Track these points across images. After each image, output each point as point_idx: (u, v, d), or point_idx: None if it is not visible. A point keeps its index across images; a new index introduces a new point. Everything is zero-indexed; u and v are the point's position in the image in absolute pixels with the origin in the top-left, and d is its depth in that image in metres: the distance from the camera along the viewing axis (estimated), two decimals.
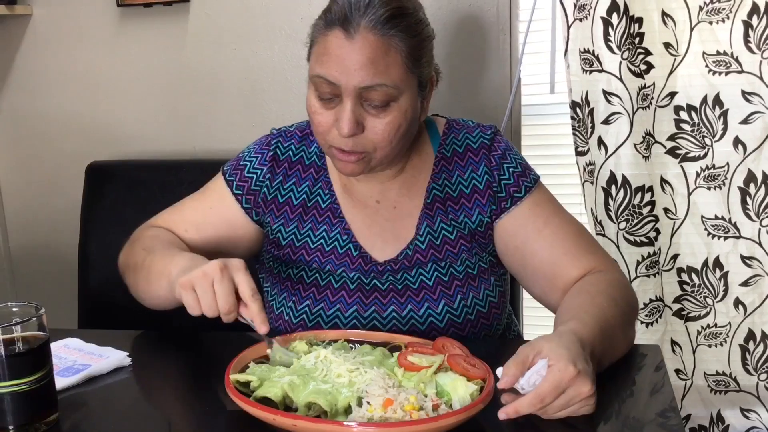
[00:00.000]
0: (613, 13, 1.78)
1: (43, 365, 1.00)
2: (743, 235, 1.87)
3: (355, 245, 1.31)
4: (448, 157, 1.34)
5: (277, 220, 1.36)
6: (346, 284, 1.30)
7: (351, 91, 1.16)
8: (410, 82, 1.20)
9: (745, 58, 1.78)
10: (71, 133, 2.29)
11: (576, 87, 1.86)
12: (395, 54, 1.17)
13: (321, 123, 1.21)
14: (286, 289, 1.33)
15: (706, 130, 1.84)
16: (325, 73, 1.17)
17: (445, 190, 1.32)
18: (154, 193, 1.97)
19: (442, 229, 1.31)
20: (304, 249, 1.33)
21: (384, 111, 1.18)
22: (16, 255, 2.41)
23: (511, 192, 1.30)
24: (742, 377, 1.95)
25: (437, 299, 1.28)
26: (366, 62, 1.14)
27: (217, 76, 2.17)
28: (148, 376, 1.19)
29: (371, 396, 0.95)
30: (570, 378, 0.94)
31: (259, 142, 1.41)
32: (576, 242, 1.28)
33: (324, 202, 1.34)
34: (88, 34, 2.21)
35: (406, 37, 1.17)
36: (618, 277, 1.26)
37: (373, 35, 1.15)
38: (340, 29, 1.15)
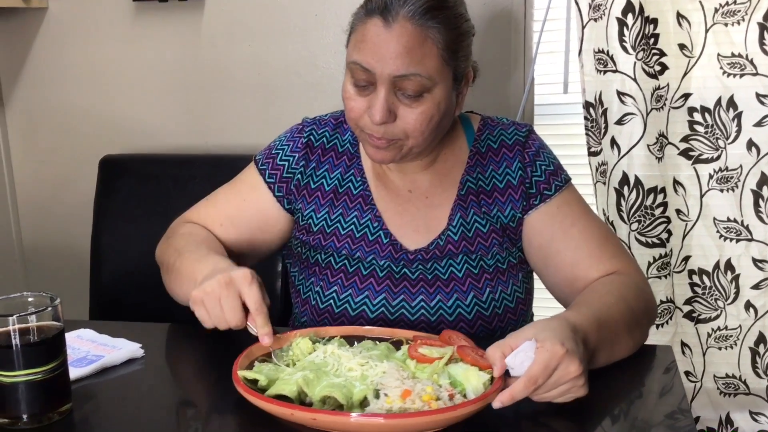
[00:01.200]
0: (629, 13, 1.77)
1: (58, 355, 1.00)
2: (755, 238, 1.87)
3: (386, 233, 1.32)
4: (483, 152, 1.34)
5: (309, 206, 1.36)
6: (375, 272, 1.31)
7: (385, 78, 1.16)
8: (445, 74, 1.20)
9: (759, 61, 1.78)
10: (85, 126, 2.30)
11: (590, 87, 1.86)
12: (432, 45, 1.17)
13: (354, 109, 1.22)
14: (314, 274, 1.34)
15: (719, 132, 1.83)
16: (361, 60, 1.18)
17: (479, 183, 1.33)
18: (167, 187, 1.97)
19: (475, 221, 1.31)
20: (334, 235, 1.34)
21: (417, 101, 1.18)
22: (30, 247, 2.43)
23: (541, 189, 1.31)
24: (752, 380, 1.95)
25: (466, 291, 1.29)
26: (402, 51, 1.15)
27: (230, 72, 2.17)
28: (161, 367, 1.20)
29: (388, 387, 0.95)
30: (559, 357, 0.95)
31: (291, 130, 1.41)
32: (601, 245, 1.28)
33: (356, 189, 1.35)
34: (103, 28, 2.22)
35: (443, 29, 1.17)
36: (637, 281, 1.25)
37: (411, 25, 1.15)
38: (380, 17, 1.17)
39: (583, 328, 1.04)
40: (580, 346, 1.00)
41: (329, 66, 2.11)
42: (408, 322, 1.28)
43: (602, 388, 1.04)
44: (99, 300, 1.98)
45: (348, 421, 0.91)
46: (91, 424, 1.03)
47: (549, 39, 1.97)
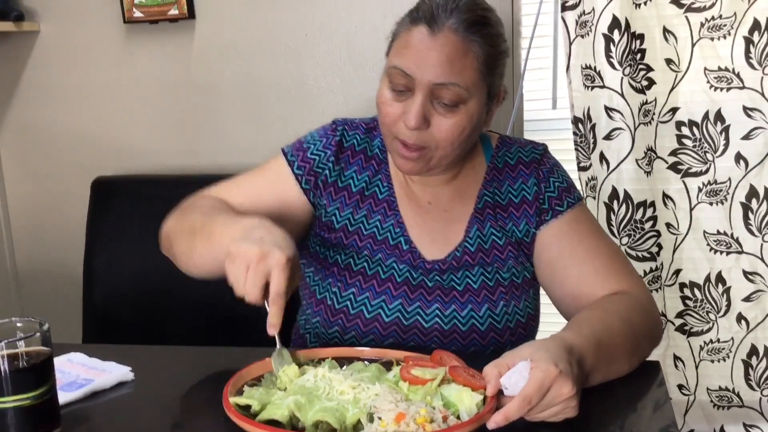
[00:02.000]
0: (615, 29, 1.79)
1: (46, 380, 1.00)
2: (745, 250, 1.88)
3: (407, 239, 1.34)
4: (500, 168, 1.37)
5: (333, 203, 1.37)
6: (394, 276, 1.32)
7: (424, 85, 1.19)
8: (481, 88, 1.23)
9: (746, 74, 1.79)
10: (77, 147, 2.31)
11: (578, 103, 1.87)
12: (472, 58, 1.20)
13: (389, 114, 1.24)
14: (332, 274, 1.34)
15: (707, 146, 1.85)
16: (403, 65, 1.20)
17: (495, 197, 1.35)
18: (159, 207, 1.95)
19: (491, 234, 1.33)
20: (356, 234, 1.35)
21: (451, 111, 1.21)
22: (23, 268, 2.43)
23: (553, 205, 1.33)
24: (745, 392, 1.95)
25: (481, 302, 1.30)
26: (444, 60, 1.18)
27: (221, 91, 2.19)
28: (150, 390, 1.19)
29: (382, 411, 0.95)
30: (552, 377, 0.95)
31: (324, 128, 1.42)
32: (608, 264, 1.29)
33: (381, 193, 1.37)
34: (94, 50, 2.23)
35: (485, 44, 1.21)
36: (643, 302, 1.26)
37: (455, 36, 1.19)
38: (425, 26, 1.20)
39: (580, 349, 1.05)
40: (574, 367, 1.00)
41: (319, 84, 2.12)
42: (422, 329, 1.30)
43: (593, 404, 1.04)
44: (92, 321, 1.98)
45: None
46: None
47: (537, 55, 1.99)
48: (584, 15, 1.81)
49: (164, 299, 1.91)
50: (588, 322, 1.14)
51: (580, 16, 1.81)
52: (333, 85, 2.11)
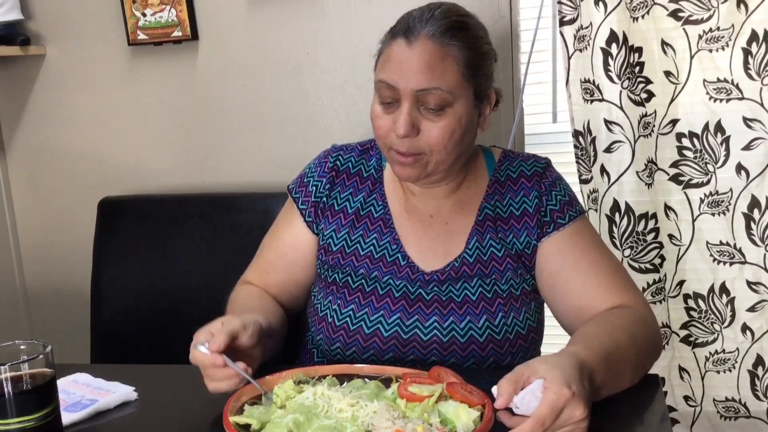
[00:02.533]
0: (613, 43, 1.80)
1: (50, 402, 1.02)
2: (749, 261, 1.88)
3: (403, 255, 1.36)
4: (502, 181, 1.39)
5: (330, 225, 1.41)
6: (392, 291, 1.34)
7: (408, 93, 1.23)
8: (466, 90, 1.26)
9: (745, 85, 1.80)
10: (84, 168, 2.33)
11: (578, 116, 1.88)
12: (451, 61, 1.24)
13: (381, 127, 1.28)
14: (332, 292, 1.37)
15: (708, 157, 1.85)
16: (386, 77, 1.26)
17: (496, 210, 1.37)
18: (165, 227, 2.00)
19: (490, 246, 1.35)
20: (353, 255, 1.38)
21: (439, 116, 1.24)
22: (32, 288, 2.45)
23: (555, 218, 1.34)
24: (752, 403, 1.95)
25: (479, 314, 1.31)
26: (423, 66, 1.23)
27: (225, 111, 2.21)
28: (153, 410, 1.21)
29: (379, 428, 0.97)
30: (566, 399, 0.95)
31: (319, 156, 1.48)
32: (610, 277, 1.30)
33: (377, 213, 1.40)
34: (100, 72, 2.26)
35: (463, 47, 1.25)
36: (645, 317, 1.26)
37: (432, 42, 1.23)
38: (403, 38, 1.25)
39: (591, 365, 1.05)
40: (586, 386, 1.00)
41: (321, 102, 2.14)
42: (421, 342, 1.31)
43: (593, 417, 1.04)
44: (100, 340, 1.99)
45: None
46: None
47: (536, 70, 2.01)
48: (582, 29, 1.82)
49: (171, 318, 1.93)
50: (597, 336, 1.14)
51: (578, 30, 1.83)
52: (335, 103, 2.13)
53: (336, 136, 2.13)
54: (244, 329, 1.15)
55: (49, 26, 2.26)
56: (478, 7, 1.98)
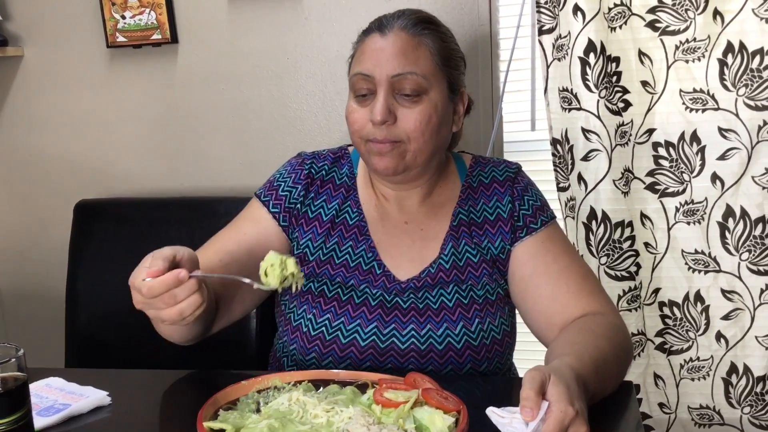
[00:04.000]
0: (590, 53, 1.82)
1: (21, 406, 1.01)
2: (723, 269, 1.90)
3: (379, 263, 1.36)
4: (475, 186, 1.41)
5: (306, 234, 1.40)
6: (368, 300, 1.34)
7: (384, 80, 1.27)
8: (440, 79, 1.30)
9: (721, 96, 1.82)
10: (61, 171, 2.31)
11: (556, 124, 1.89)
12: (425, 49, 1.29)
13: (357, 120, 1.30)
14: (307, 302, 1.36)
15: (684, 166, 1.87)
16: (361, 69, 1.29)
17: (470, 215, 1.38)
18: (143, 230, 1.99)
19: (466, 252, 1.36)
20: (329, 263, 1.37)
21: (415, 102, 1.27)
22: (6, 291, 2.43)
23: (527, 222, 1.36)
24: (726, 410, 1.97)
25: (456, 320, 1.31)
26: (398, 52, 1.27)
27: (205, 115, 2.20)
28: (126, 415, 1.20)
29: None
30: (570, 418, 0.94)
31: (291, 163, 1.46)
32: (580, 283, 1.31)
33: (352, 219, 1.40)
34: (78, 74, 2.24)
35: (436, 37, 1.31)
36: (618, 323, 1.28)
37: (405, 32, 1.30)
38: (376, 31, 1.31)
39: (584, 378, 1.05)
40: (585, 401, 1.00)
41: (301, 107, 2.14)
42: (398, 350, 1.30)
43: None
44: (75, 343, 1.98)
45: None
46: None
47: (516, 78, 2.02)
48: (560, 39, 1.84)
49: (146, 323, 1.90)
50: (585, 348, 1.14)
51: (557, 39, 1.84)
52: (315, 108, 2.13)
53: (316, 141, 2.13)
54: (177, 252, 1.09)
55: (27, 28, 2.25)
56: (458, 15, 1.99)
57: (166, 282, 1.05)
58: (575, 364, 1.06)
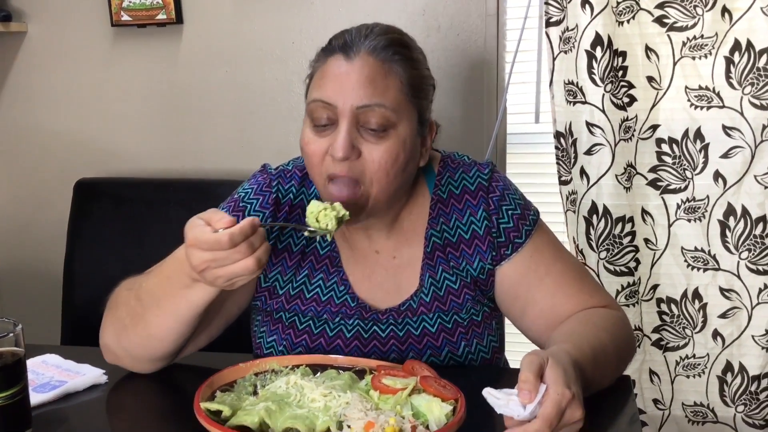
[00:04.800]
0: (597, 46, 1.81)
1: (18, 381, 1.01)
2: (722, 268, 1.90)
3: (353, 296, 1.27)
4: (444, 199, 1.28)
5: (274, 267, 1.29)
6: (342, 332, 1.27)
7: (348, 111, 1.12)
8: (409, 111, 1.17)
9: (726, 94, 1.81)
10: (62, 149, 2.31)
11: (560, 117, 1.89)
12: (395, 78, 1.15)
13: (315, 152, 1.16)
14: (277, 330, 1.29)
15: (687, 163, 1.87)
16: (322, 95, 1.14)
17: (444, 235, 1.27)
18: (142, 211, 1.98)
19: (444, 279, 1.26)
20: (298, 298, 1.28)
21: (381, 137, 1.14)
22: (3, 268, 2.42)
23: (512, 238, 1.25)
24: (720, 408, 1.97)
25: (440, 347, 1.25)
26: (365, 81, 1.13)
27: (207, 97, 2.19)
28: (123, 393, 1.20)
29: (351, 419, 0.96)
30: (567, 401, 0.93)
31: (258, 182, 1.32)
32: (578, 287, 1.26)
33: (323, 249, 1.29)
34: (82, 52, 2.23)
35: (406, 65, 1.16)
36: (621, 316, 1.25)
37: (373, 58, 1.14)
38: (341, 53, 1.15)
39: (582, 365, 1.04)
40: (581, 387, 0.99)
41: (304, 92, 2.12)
42: None
43: None
44: (71, 322, 1.98)
45: None
46: None
47: (521, 70, 2.01)
48: (568, 31, 1.83)
49: None
50: (585, 337, 1.12)
51: (564, 32, 1.83)
52: None
53: None
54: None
55: (32, 3, 2.23)
56: (465, 5, 1.99)
57: (244, 230, 1.01)
58: (573, 351, 1.05)
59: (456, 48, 2.01)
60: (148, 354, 1.20)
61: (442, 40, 2.02)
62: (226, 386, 1.09)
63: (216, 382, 1.09)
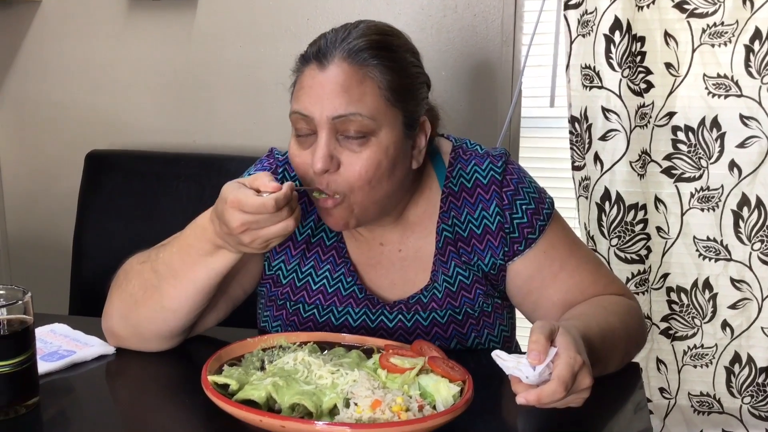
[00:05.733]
0: (616, 30, 1.79)
1: (26, 349, 1.01)
2: (734, 258, 1.88)
3: (360, 288, 1.26)
4: (456, 192, 1.25)
5: (278, 255, 1.28)
6: (348, 322, 1.26)
7: (325, 122, 1.10)
8: (391, 117, 1.13)
9: (744, 82, 1.79)
10: (73, 120, 2.30)
11: (575, 102, 1.87)
12: (371, 83, 1.11)
13: (300, 165, 1.15)
14: (280, 317, 1.29)
15: (702, 152, 1.85)
16: (300, 108, 1.13)
17: (455, 230, 1.25)
18: (152, 184, 1.98)
19: (457, 274, 1.24)
20: (305, 290, 1.27)
21: (361, 146, 1.11)
22: (14, 237, 2.43)
23: (525, 233, 1.23)
24: (726, 399, 1.96)
25: (449, 337, 1.24)
26: (338, 90, 1.10)
27: (221, 72, 2.18)
28: (130, 365, 1.20)
29: (358, 397, 0.96)
30: (579, 365, 0.93)
31: (264, 168, 1.31)
32: (593, 279, 1.24)
33: (329, 240, 1.27)
34: (95, 24, 2.22)
35: (385, 69, 1.12)
36: (635, 306, 1.24)
37: (348, 64, 1.11)
38: (314, 62, 1.13)
39: (590, 340, 1.03)
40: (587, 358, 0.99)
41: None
42: None
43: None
44: (79, 293, 1.98)
45: (315, 429, 0.91)
46: (58, 418, 1.04)
47: (537, 52, 1.99)
48: (586, 14, 1.81)
49: None
50: (594, 318, 1.12)
51: (582, 15, 1.81)
52: None
53: None
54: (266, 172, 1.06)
55: None
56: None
57: (287, 195, 1.03)
58: (581, 326, 1.05)
59: (472, 28, 1.99)
60: (156, 329, 1.19)
61: (458, 20, 2.00)
62: (233, 360, 1.09)
63: (224, 356, 1.09)
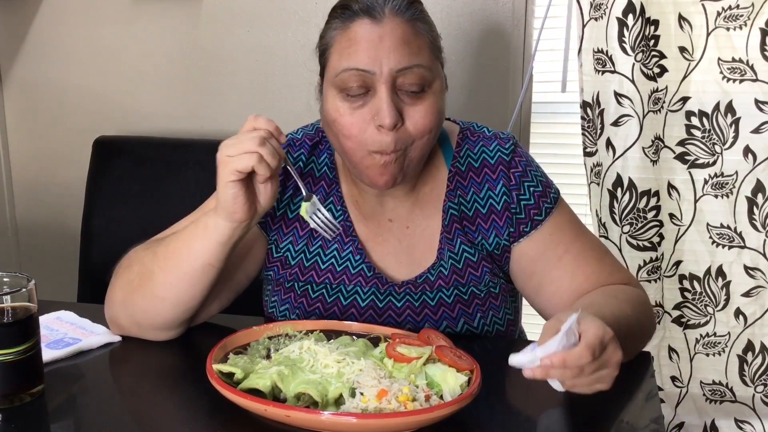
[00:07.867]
0: (629, 14, 1.76)
1: (30, 337, 1.00)
2: (748, 246, 1.86)
3: (369, 266, 1.25)
4: (463, 171, 1.26)
5: (286, 237, 1.28)
6: (357, 301, 1.25)
7: (387, 76, 1.10)
8: (438, 69, 1.17)
9: (760, 67, 1.76)
10: (81, 106, 2.29)
11: (587, 87, 1.84)
12: (423, 37, 1.14)
13: (353, 125, 1.12)
14: (288, 300, 1.28)
15: (716, 138, 1.82)
16: (356, 63, 1.11)
17: (461, 208, 1.25)
18: (160, 170, 1.97)
19: (463, 252, 1.24)
20: (313, 270, 1.26)
21: (420, 98, 1.13)
22: (22, 223, 2.43)
23: (531, 214, 1.23)
24: (739, 388, 1.94)
25: (456, 317, 1.24)
26: (400, 43, 1.11)
27: (228, 57, 2.16)
28: (136, 354, 1.19)
29: (364, 387, 0.95)
30: (609, 337, 0.93)
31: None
32: (598, 265, 1.23)
33: (335, 218, 1.26)
34: (103, 8, 2.21)
35: (427, 23, 1.16)
36: (643, 296, 1.23)
37: (401, 18, 1.12)
38: (366, 17, 1.12)
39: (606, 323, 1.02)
40: None
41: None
42: None
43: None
44: (88, 280, 1.98)
45: (320, 419, 0.90)
46: (63, 406, 1.03)
47: (549, 36, 1.95)
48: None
49: None
50: (607, 307, 1.10)
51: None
52: None
53: None
54: None
55: None
56: None
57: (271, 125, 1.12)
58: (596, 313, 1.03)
59: (483, 11, 1.97)
60: (150, 319, 1.18)
61: (468, 3, 1.98)
62: (239, 349, 1.08)
63: (229, 345, 1.08)
